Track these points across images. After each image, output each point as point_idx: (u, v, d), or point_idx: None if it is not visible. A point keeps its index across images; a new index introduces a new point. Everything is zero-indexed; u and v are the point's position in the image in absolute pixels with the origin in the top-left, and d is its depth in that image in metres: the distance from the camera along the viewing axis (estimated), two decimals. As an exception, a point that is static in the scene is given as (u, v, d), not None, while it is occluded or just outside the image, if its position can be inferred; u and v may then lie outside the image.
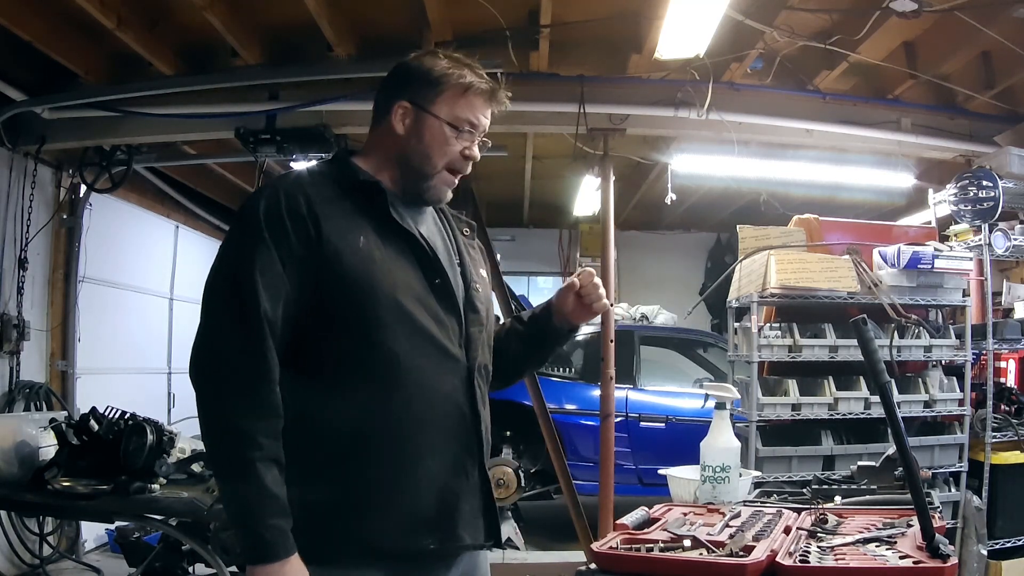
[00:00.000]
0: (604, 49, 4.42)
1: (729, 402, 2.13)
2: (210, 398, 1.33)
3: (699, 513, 1.75)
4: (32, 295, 4.78)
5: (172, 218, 6.63)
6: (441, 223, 1.63)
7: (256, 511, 1.29)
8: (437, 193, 1.54)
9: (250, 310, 1.32)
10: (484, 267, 1.68)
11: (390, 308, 1.41)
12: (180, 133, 4.79)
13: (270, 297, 1.33)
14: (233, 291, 1.34)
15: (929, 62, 4.37)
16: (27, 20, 3.71)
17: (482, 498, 1.51)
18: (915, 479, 1.42)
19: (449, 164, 1.52)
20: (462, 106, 1.50)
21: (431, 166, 1.51)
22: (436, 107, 1.50)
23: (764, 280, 3.80)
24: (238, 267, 1.35)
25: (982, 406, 3.97)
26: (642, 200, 7.10)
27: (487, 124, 1.55)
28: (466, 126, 1.51)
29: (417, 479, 1.42)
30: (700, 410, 3.41)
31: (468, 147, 1.52)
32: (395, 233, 1.47)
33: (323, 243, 1.38)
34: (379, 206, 1.47)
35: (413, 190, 1.53)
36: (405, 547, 1.40)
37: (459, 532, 1.46)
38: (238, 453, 1.29)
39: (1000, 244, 4.14)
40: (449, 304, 1.50)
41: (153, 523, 3.09)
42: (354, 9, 3.93)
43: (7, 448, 3.01)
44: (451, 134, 1.50)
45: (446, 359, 1.47)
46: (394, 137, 1.52)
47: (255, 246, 1.35)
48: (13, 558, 4.37)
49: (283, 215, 1.36)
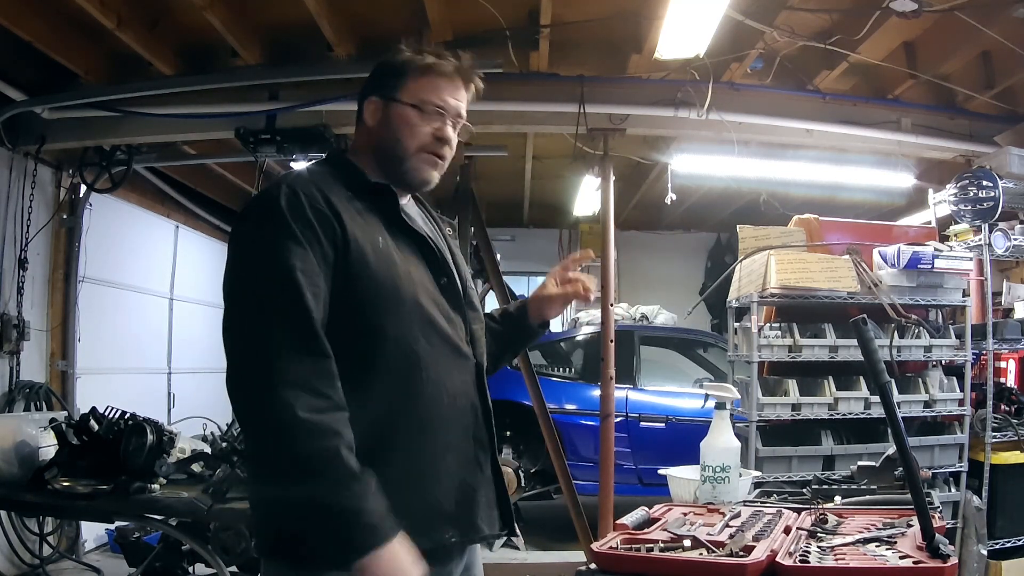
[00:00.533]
0: (604, 49, 4.42)
1: (729, 402, 2.13)
2: (276, 403, 1.24)
3: (699, 513, 1.75)
4: (32, 295, 4.78)
5: (172, 218, 6.63)
6: (430, 222, 1.65)
7: (356, 498, 1.24)
8: (417, 175, 1.53)
9: (301, 310, 1.29)
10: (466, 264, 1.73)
11: (412, 308, 1.43)
12: (180, 133, 4.79)
13: (313, 296, 1.31)
14: (279, 292, 1.30)
15: (929, 62, 4.37)
16: (27, 20, 3.72)
17: (495, 489, 1.55)
18: (915, 479, 1.42)
19: (421, 145, 1.52)
20: (425, 88, 1.52)
21: (402, 148, 1.51)
22: (401, 94, 1.52)
23: (764, 280, 3.80)
24: (277, 268, 1.31)
25: (982, 406, 3.97)
26: (642, 200, 7.10)
27: (459, 107, 1.55)
28: (431, 107, 1.51)
29: (438, 476, 1.43)
30: (700, 410, 3.41)
31: (439, 128, 1.52)
32: (405, 234, 1.50)
33: (348, 243, 1.38)
34: (390, 207, 1.50)
35: (396, 178, 1.53)
36: (429, 542, 1.39)
37: (478, 523, 1.49)
38: (321, 447, 1.24)
39: (1000, 244, 4.14)
40: (456, 303, 1.54)
41: (153, 523, 3.08)
42: (354, 9, 3.94)
43: (7, 448, 3.01)
44: (417, 117, 1.51)
45: (459, 357, 1.50)
46: (368, 132, 1.55)
47: (290, 246, 1.32)
48: (13, 558, 4.37)
49: (308, 214, 1.35)
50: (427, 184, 1.56)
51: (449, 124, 1.54)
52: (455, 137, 1.56)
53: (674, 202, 5.07)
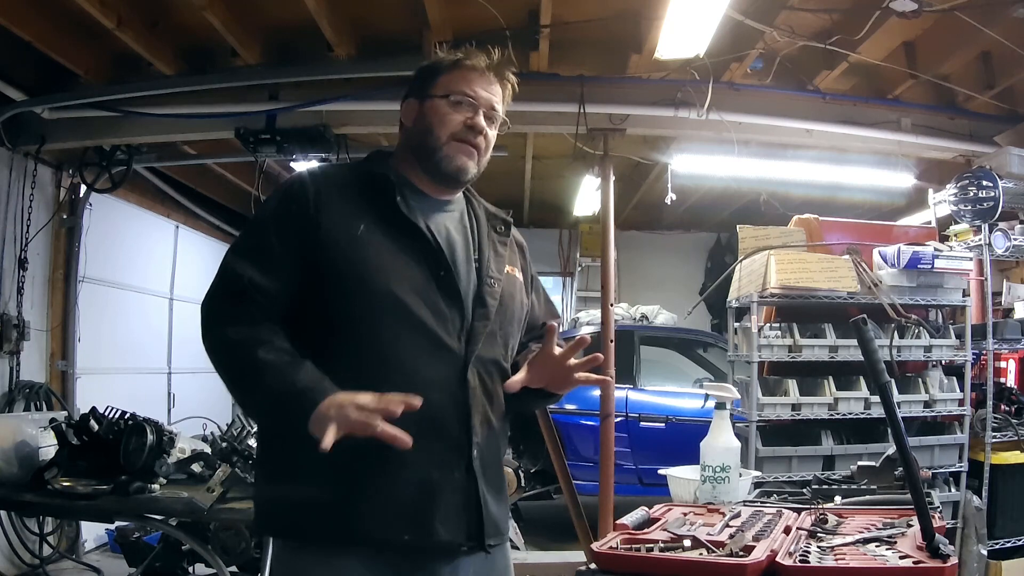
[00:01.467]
0: (604, 49, 4.41)
1: (729, 402, 2.13)
2: (207, 330, 1.45)
3: (699, 513, 1.75)
4: (32, 295, 4.78)
5: (172, 218, 6.63)
6: (469, 221, 1.64)
7: (279, 380, 1.36)
8: (451, 163, 1.56)
9: (233, 274, 1.45)
10: (517, 264, 1.68)
11: (380, 296, 1.44)
12: (180, 133, 4.79)
13: (254, 265, 1.44)
14: (228, 260, 1.48)
15: (929, 62, 4.37)
16: (27, 20, 3.71)
17: (466, 495, 1.48)
18: (915, 479, 1.42)
19: (452, 133, 1.55)
20: (456, 79, 1.57)
21: (434, 138, 1.56)
22: (433, 90, 1.58)
23: (764, 280, 3.80)
24: (238, 244, 1.52)
25: (982, 406, 3.97)
26: (642, 200, 7.10)
27: (491, 100, 1.59)
28: (461, 96, 1.56)
29: (396, 469, 1.41)
30: (700, 410, 3.41)
31: (470, 117, 1.56)
32: (401, 224, 1.51)
33: (320, 228, 1.45)
34: (387, 197, 1.52)
35: (431, 170, 1.57)
36: (382, 537, 1.41)
37: (436, 527, 1.44)
38: (244, 354, 1.39)
39: (1000, 244, 4.14)
40: (452, 297, 1.51)
41: (153, 523, 3.08)
42: (354, 9, 3.93)
43: (7, 448, 3.00)
44: (447, 106, 1.56)
45: (439, 350, 1.47)
46: (406, 132, 1.62)
47: (255, 229, 1.53)
48: (13, 558, 4.37)
49: (288, 198, 1.49)
50: (463, 172, 1.58)
51: (481, 115, 1.57)
52: (491, 130, 1.60)
53: (674, 202, 5.07)
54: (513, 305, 1.61)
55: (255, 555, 3.06)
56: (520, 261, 1.71)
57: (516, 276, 1.65)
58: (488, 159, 1.65)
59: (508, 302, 1.60)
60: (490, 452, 1.53)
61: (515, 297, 1.63)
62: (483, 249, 1.61)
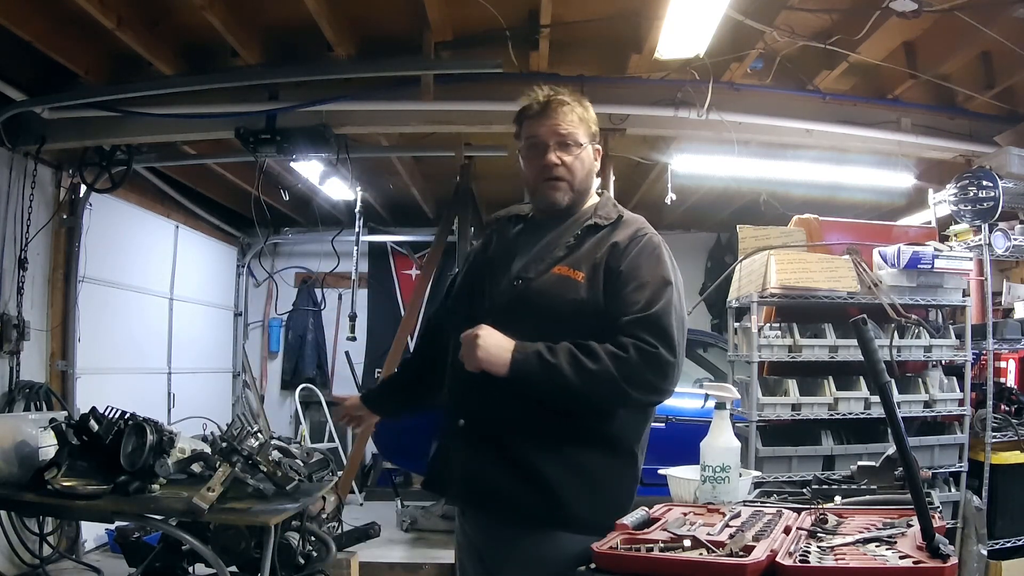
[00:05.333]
0: (604, 49, 4.41)
1: (729, 402, 2.13)
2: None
3: (699, 513, 1.75)
4: (32, 295, 4.78)
5: (172, 218, 6.63)
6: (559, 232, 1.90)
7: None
8: (544, 201, 1.90)
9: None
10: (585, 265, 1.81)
11: (462, 302, 1.97)
12: (180, 133, 4.79)
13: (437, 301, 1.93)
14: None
15: (929, 62, 4.37)
16: (27, 20, 3.71)
17: (471, 465, 1.79)
18: (915, 479, 1.41)
19: (535, 176, 1.89)
20: (526, 129, 1.91)
21: (529, 183, 1.93)
22: (520, 139, 1.94)
23: (764, 280, 3.80)
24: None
25: (982, 406, 3.97)
26: (642, 200, 7.09)
27: (555, 128, 1.85)
28: (531, 144, 1.88)
29: (440, 431, 1.89)
30: (700, 410, 3.40)
31: (542, 159, 1.85)
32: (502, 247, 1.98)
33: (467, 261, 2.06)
34: (500, 230, 2.02)
35: (536, 205, 1.97)
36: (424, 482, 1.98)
37: (447, 486, 1.90)
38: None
39: (1000, 244, 4.14)
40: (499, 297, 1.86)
41: (153, 523, 3.07)
42: (354, 9, 3.93)
43: (7, 448, 3.00)
44: (526, 154, 1.91)
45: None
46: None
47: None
48: (13, 558, 4.37)
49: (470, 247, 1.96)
50: (555, 205, 1.89)
51: (552, 152, 1.85)
52: (567, 154, 1.85)
53: (674, 202, 5.07)
54: (551, 302, 1.78)
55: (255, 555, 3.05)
56: (597, 259, 1.80)
57: (567, 276, 1.80)
58: (587, 172, 1.90)
59: (536, 299, 1.80)
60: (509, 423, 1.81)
61: (558, 295, 1.78)
62: (553, 251, 1.84)
